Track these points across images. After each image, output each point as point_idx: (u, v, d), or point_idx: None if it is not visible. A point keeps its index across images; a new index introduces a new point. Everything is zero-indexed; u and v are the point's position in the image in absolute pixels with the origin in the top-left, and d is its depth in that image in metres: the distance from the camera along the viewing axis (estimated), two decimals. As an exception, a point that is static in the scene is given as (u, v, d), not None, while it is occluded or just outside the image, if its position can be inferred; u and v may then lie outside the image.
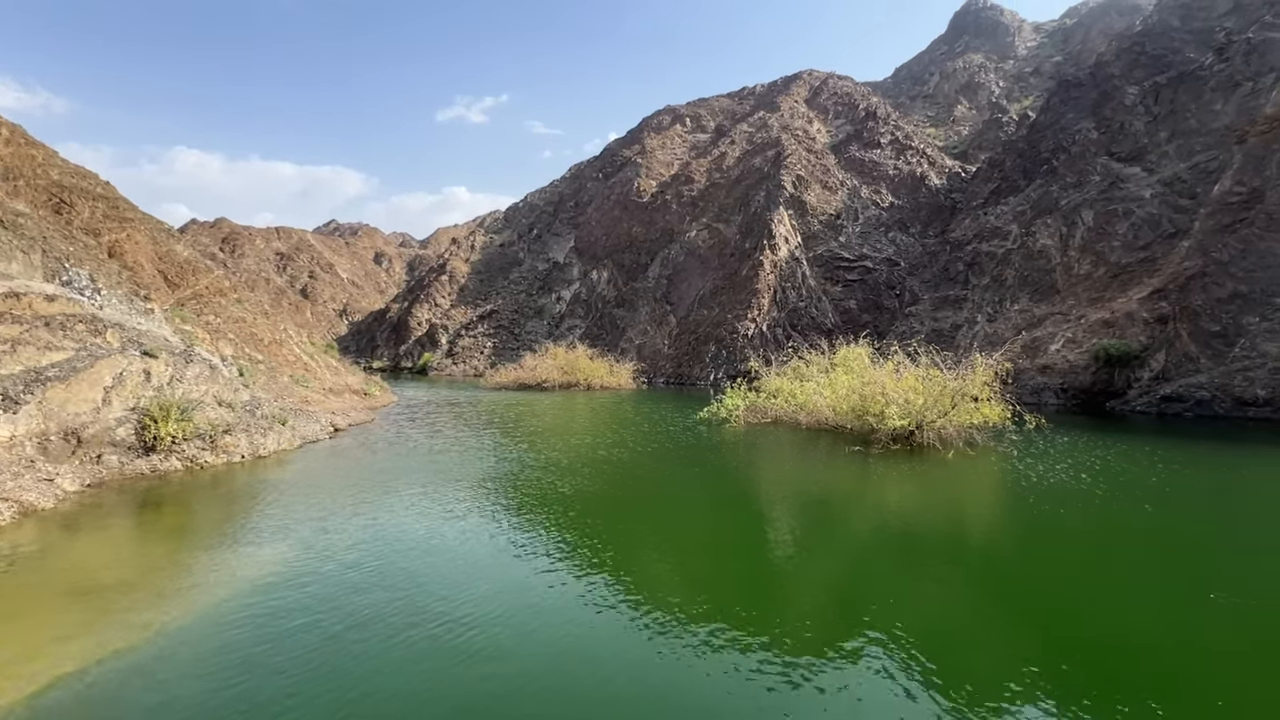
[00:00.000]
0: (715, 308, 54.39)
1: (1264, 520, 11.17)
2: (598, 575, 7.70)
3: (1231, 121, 32.81)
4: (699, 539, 9.75)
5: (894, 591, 7.54)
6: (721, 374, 46.53)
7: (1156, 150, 35.43)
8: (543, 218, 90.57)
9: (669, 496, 12.93)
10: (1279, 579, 8.07)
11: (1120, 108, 38.41)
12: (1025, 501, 11.76)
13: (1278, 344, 24.73)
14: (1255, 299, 26.01)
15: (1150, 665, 5.76)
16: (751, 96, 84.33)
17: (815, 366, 24.63)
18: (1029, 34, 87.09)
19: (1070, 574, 8.22)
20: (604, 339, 62.82)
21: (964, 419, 17.03)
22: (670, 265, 63.90)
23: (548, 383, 42.92)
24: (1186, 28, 39.69)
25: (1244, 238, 27.67)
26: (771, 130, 69.54)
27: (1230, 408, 24.84)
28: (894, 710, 4.91)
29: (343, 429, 20.26)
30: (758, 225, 55.80)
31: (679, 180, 72.07)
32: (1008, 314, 36.57)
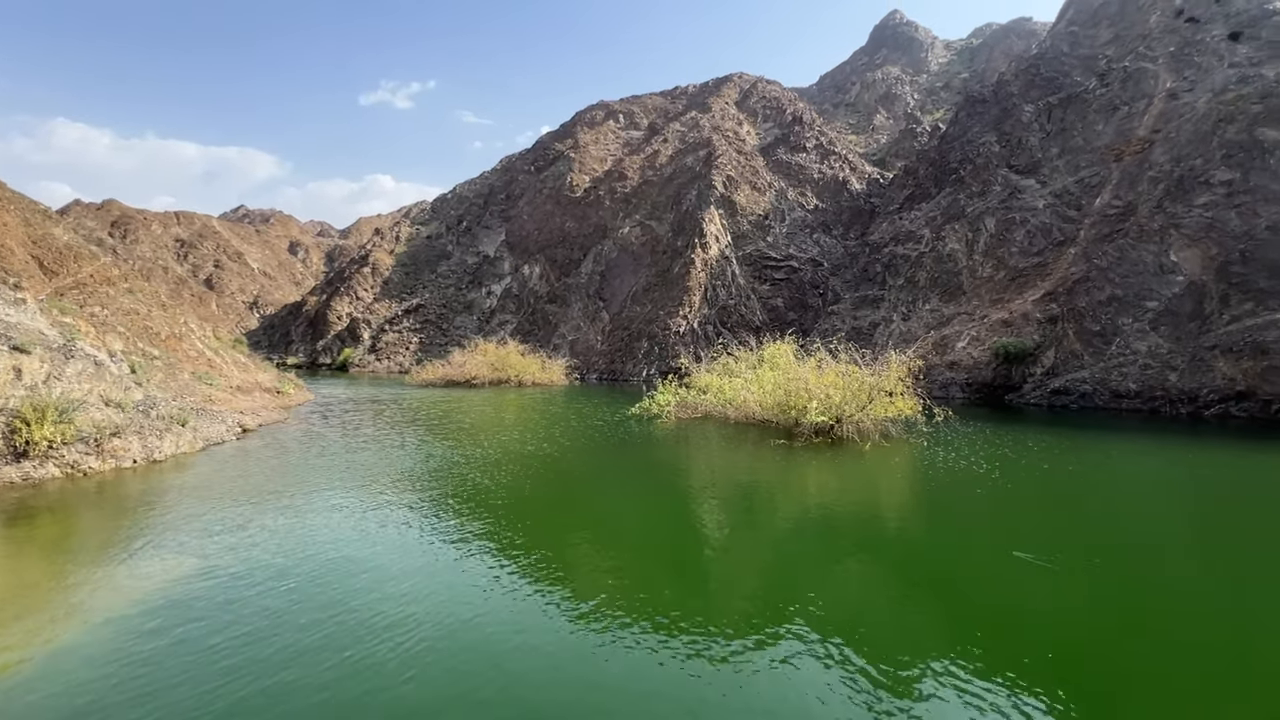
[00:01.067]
0: (648, 304, 54.81)
1: (1125, 496, 12.47)
2: (528, 571, 7.60)
3: (1111, 141, 36.28)
4: (631, 532, 9.81)
5: (817, 575, 7.88)
6: (654, 370, 46.97)
7: (1049, 164, 38.65)
8: (472, 210, 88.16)
9: (601, 491, 12.94)
10: (1147, 548, 9.03)
11: (1018, 124, 41.63)
12: (932, 486, 12.58)
13: (1147, 342, 27.62)
14: (1129, 302, 28.93)
15: (1044, 630, 6.30)
16: (684, 96, 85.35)
17: (744, 363, 25.32)
18: (940, 51, 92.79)
19: (971, 549, 8.87)
20: (536, 335, 61.98)
21: (880, 412, 17.99)
22: (603, 261, 63.80)
23: (477, 380, 41.90)
24: (1074, 54, 43.49)
25: (1120, 247, 30.69)
26: (703, 130, 70.68)
27: (1108, 400, 27.53)
28: (819, 686, 5.13)
29: (252, 429, 18.97)
30: (689, 224, 56.63)
31: (612, 176, 72.02)
32: (920, 313, 38.92)
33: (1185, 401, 25.53)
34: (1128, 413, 26.16)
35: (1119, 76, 38.33)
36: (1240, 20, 34.80)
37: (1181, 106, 33.65)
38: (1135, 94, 36.82)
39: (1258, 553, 9.10)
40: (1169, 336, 27.20)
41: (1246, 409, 24.07)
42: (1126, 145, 35.08)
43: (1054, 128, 39.84)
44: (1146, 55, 37.86)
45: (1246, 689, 5.29)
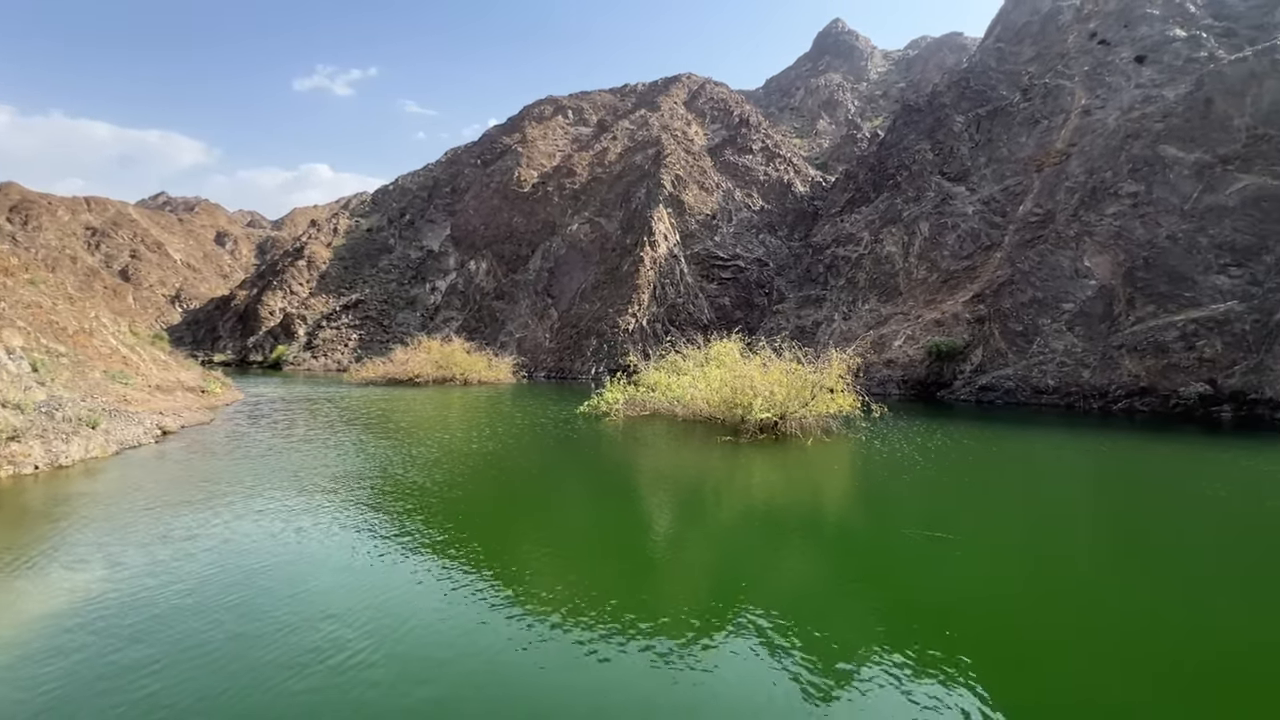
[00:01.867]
0: (597, 302, 54.65)
1: (1041, 482, 13.34)
2: (473, 574, 7.44)
3: (1032, 153, 38.61)
4: (579, 529, 9.76)
5: (762, 567, 8.06)
6: (603, 368, 46.90)
7: (977, 173, 40.79)
8: (416, 203, 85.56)
9: (548, 490, 12.81)
10: (1059, 527, 9.68)
11: (950, 134, 43.73)
12: (870, 479, 13.09)
13: (1063, 342, 29.58)
14: (1048, 304, 30.89)
15: (968, 604, 6.65)
16: (633, 94, 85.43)
17: (691, 361, 25.59)
18: (880, 60, 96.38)
19: (904, 536, 9.27)
20: (482, 332, 60.79)
21: (821, 409, 18.56)
22: (552, 258, 63.17)
23: (421, 378, 40.73)
24: (1001, 69, 46.03)
25: (1040, 252, 32.73)
26: (652, 129, 70.96)
27: (1029, 396, 29.33)
28: (768, 676, 5.24)
29: (173, 431, 17.81)
30: (639, 222, 56.78)
31: (561, 172, 71.37)
32: (860, 313, 40.36)
33: (1096, 397, 27.49)
34: (1047, 407, 27.95)
35: (1040, 92, 40.82)
36: (1145, 45, 37.67)
37: (1094, 122, 36.15)
38: (1054, 109, 39.30)
39: (1150, 529, 9.91)
40: (1083, 336, 29.21)
41: (1149, 404, 26.14)
42: (1046, 157, 37.41)
43: (982, 138, 42.06)
44: (1064, 73, 40.46)
45: (1147, 646, 5.75)
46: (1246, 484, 13.09)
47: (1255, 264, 26.39)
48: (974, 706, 4.85)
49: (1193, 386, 25.29)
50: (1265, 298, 25.40)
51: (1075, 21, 43.92)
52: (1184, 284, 27.41)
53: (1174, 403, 25.50)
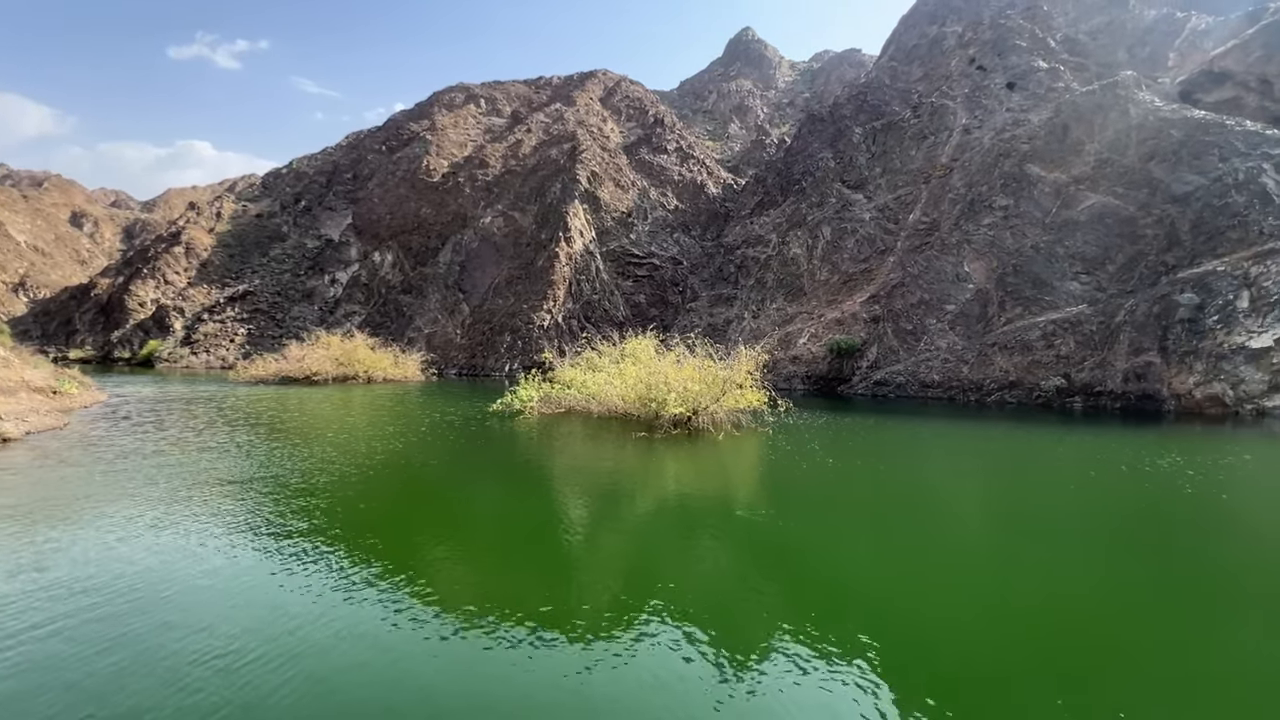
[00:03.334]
0: (511, 297, 53.50)
1: (924, 465, 14.57)
2: (379, 586, 7.07)
3: (921, 165, 41.85)
4: (491, 530, 9.52)
5: (676, 560, 8.22)
6: (517, 365, 46.03)
7: (874, 182, 43.67)
8: (313, 188, 79.89)
9: (458, 491, 12.41)
10: (940, 505, 10.59)
11: (850, 144, 46.51)
12: (777, 469, 13.71)
13: (946, 340, 32.33)
14: (933, 305, 33.64)
15: (868, 592, 7.13)
16: (548, 87, 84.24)
17: (607, 358, 25.64)
18: (787, 70, 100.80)
19: (807, 523, 9.80)
20: (388, 327, 57.84)
21: (732, 404, 19.21)
22: (463, 251, 61.13)
23: (319, 375, 38.14)
24: (894, 86, 49.50)
25: (927, 257, 35.57)
26: (568, 124, 70.31)
27: (918, 390, 31.83)
28: (683, 668, 5.35)
29: (15, 438, 15.62)
30: (554, 217, 56.12)
31: (473, 163, 69.15)
32: (768, 312, 42.11)
33: (974, 390, 30.29)
34: (932, 400, 30.46)
35: (927, 110, 44.29)
36: (1015, 73, 41.84)
37: (973, 140, 39.73)
38: (939, 126, 42.79)
39: (1015, 505, 11.09)
40: (962, 335, 32.08)
41: (1016, 395, 29.14)
42: (933, 170, 40.69)
43: (878, 149, 45.07)
44: (948, 94, 44.15)
45: (1019, 613, 6.43)
46: (1094, 461, 14.93)
47: (1100, 273, 30.07)
48: (869, 683, 5.21)
49: (1051, 380, 28.46)
50: (1108, 302, 29.02)
51: (957, 47, 48.01)
52: (1045, 289, 30.76)
53: (1036, 394, 28.59)
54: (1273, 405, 24.33)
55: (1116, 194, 31.36)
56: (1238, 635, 6.24)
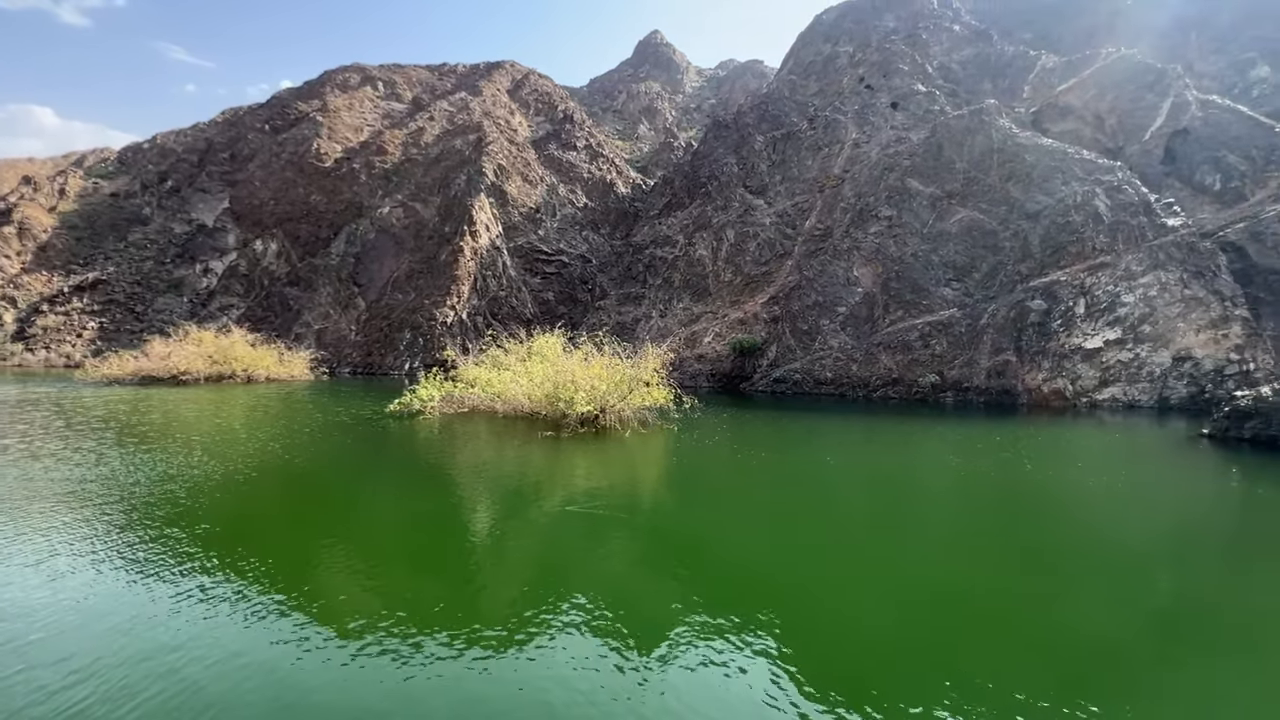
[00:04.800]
0: (411, 292, 51.07)
1: (827, 456, 15.56)
2: (265, 604, 6.51)
3: (816, 175, 44.42)
4: (392, 538, 9.05)
5: (585, 557, 8.22)
6: (418, 363, 44.07)
7: (774, 188, 45.80)
8: (182, 167, 72.06)
9: (352, 498, 11.68)
10: (836, 494, 11.32)
11: (752, 151, 48.49)
12: (683, 464, 14.07)
13: (838, 340, 34.56)
14: (827, 306, 35.84)
15: (770, 579, 7.48)
16: (453, 75, 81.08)
17: (514, 355, 25.13)
18: (694, 76, 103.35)
19: (713, 515, 10.14)
20: (272, 322, 53.37)
21: (639, 402, 19.47)
22: (359, 242, 57.56)
23: (188, 374, 34.49)
24: (793, 98, 52.16)
25: (821, 261, 37.82)
26: (474, 114, 68.08)
27: (813, 387, 33.78)
28: (590, 666, 5.35)
29: None
30: (458, 209, 54.19)
31: (370, 149, 65.24)
32: (675, 311, 43.04)
33: (862, 387, 32.60)
34: (826, 396, 32.46)
35: (822, 123, 47.08)
36: (898, 94, 45.41)
37: (862, 154, 42.70)
38: (832, 139, 45.61)
39: (896, 490, 12.10)
40: (852, 335, 34.43)
41: (899, 391, 31.68)
42: (827, 179, 43.31)
43: (778, 158, 47.32)
44: (840, 109, 47.15)
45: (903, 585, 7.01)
46: (957, 449, 16.57)
47: (968, 280, 33.35)
48: (772, 668, 5.48)
49: (927, 377, 31.21)
50: (974, 307, 32.25)
51: (849, 66, 51.40)
52: (922, 294, 33.66)
53: (915, 390, 31.25)
54: (1102, 398, 28.11)
55: (981, 209, 34.90)
56: (1076, 598, 7.17)
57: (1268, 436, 17.40)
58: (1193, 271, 29.11)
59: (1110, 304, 29.31)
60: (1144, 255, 29.86)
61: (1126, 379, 28.24)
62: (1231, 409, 18.96)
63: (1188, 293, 28.69)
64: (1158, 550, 9.30)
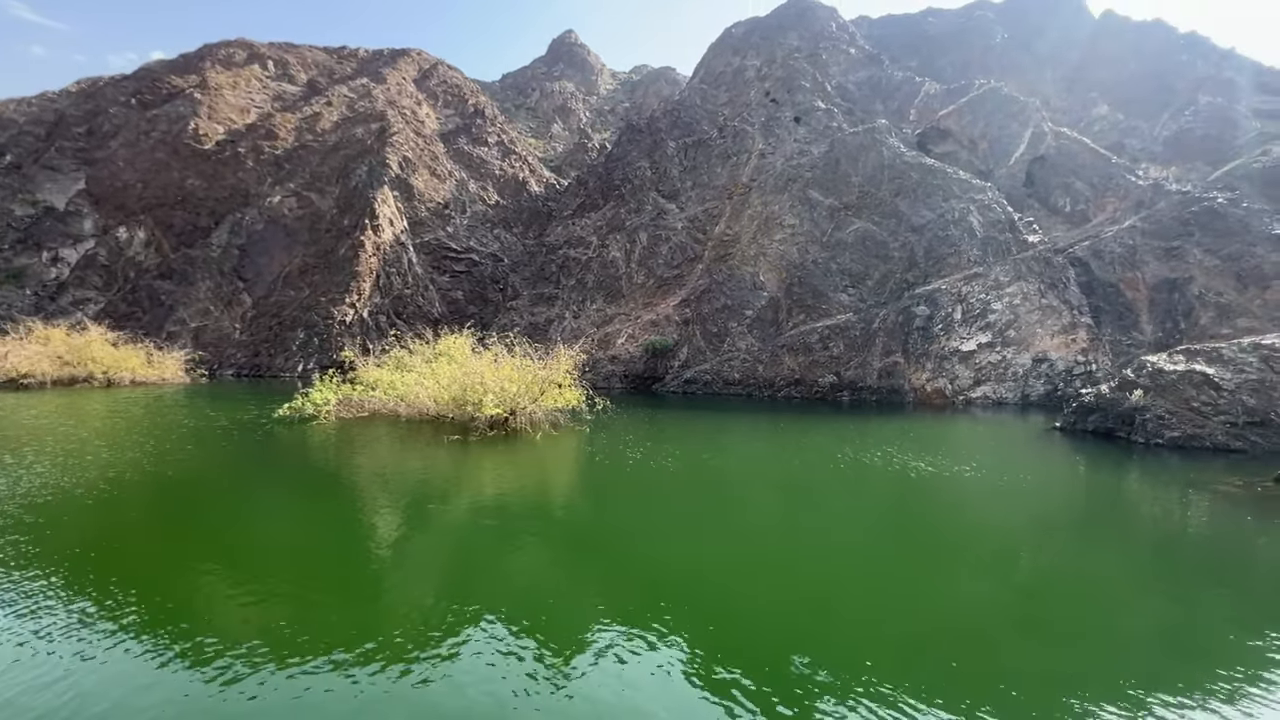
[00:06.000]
0: (306, 288, 47.67)
1: (734, 453, 16.12)
2: (141, 634, 5.81)
3: (725, 182, 45.94)
4: (285, 557, 8.38)
5: (497, 564, 8.00)
6: (313, 364, 41.24)
7: (685, 194, 46.89)
8: (25, 140, 63.16)
9: (237, 513, 10.71)
10: (747, 491, 11.73)
11: (665, 156, 49.38)
12: (596, 465, 14.07)
13: (745, 342, 35.91)
14: (735, 310, 37.14)
15: (683, 576, 7.62)
16: (353, 59, 76.53)
17: (419, 356, 24.09)
18: (608, 78, 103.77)
19: (629, 515, 10.21)
20: (139, 319, 47.96)
21: (550, 403, 19.27)
22: (245, 233, 52.94)
23: (31, 377, 30.27)
24: (704, 107, 53.66)
25: (730, 266, 39.16)
26: (377, 102, 64.60)
27: (722, 387, 34.88)
28: (504, 675, 5.20)
29: None
30: (359, 201, 51.22)
31: (258, 133, 60.22)
32: (588, 312, 42.98)
33: (767, 387, 34.07)
34: (733, 396, 33.62)
35: (731, 132, 48.76)
36: (801, 109, 47.90)
37: (768, 164, 44.64)
38: (740, 148, 47.36)
39: (796, 483, 12.75)
40: (759, 338, 35.89)
41: (800, 391, 33.39)
42: (735, 187, 44.91)
43: (689, 164, 48.49)
44: (748, 120, 49.06)
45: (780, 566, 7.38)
46: (850, 443, 17.73)
47: (862, 286, 35.75)
48: (685, 663, 5.59)
49: (826, 377, 33.12)
50: (867, 312, 34.60)
51: (756, 79, 53.59)
52: (822, 299, 35.69)
53: (815, 390, 33.06)
54: (976, 396, 31.04)
55: (874, 221, 37.52)
56: (950, 577, 7.87)
57: (1106, 428, 19.94)
58: (1048, 283, 32.83)
59: (982, 311, 32.44)
60: (1010, 267, 33.32)
61: (995, 379, 31.37)
62: (1078, 405, 21.56)
63: (1044, 302, 32.31)
64: (1017, 532, 10.41)
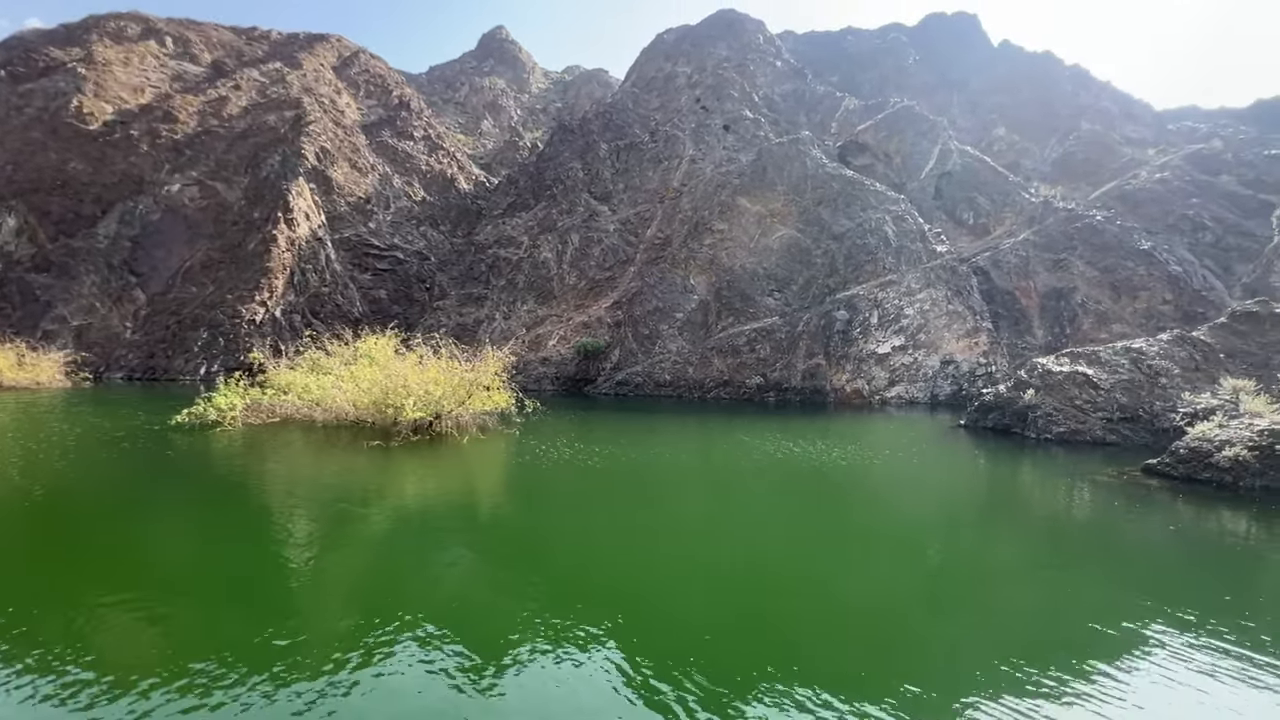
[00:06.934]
0: (209, 285, 44.28)
1: (663, 454, 16.31)
2: (34, 669, 5.17)
3: (657, 186, 46.47)
4: (187, 576, 7.71)
5: (422, 573, 7.74)
6: (217, 366, 38.37)
7: (618, 196, 47.05)
8: None
9: (130, 532, 9.77)
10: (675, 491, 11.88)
11: (597, 158, 49.36)
12: (524, 469, 13.85)
13: (676, 344, 36.43)
14: (666, 312, 37.61)
15: (611, 576, 7.60)
16: (265, 41, 71.83)
17: (337, 358, 22.90)
18: (540, 77, 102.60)
19: (557, 518, 10.10)
20: (9, 316, 43.00)
21: (478, 406, 18.80)
22: (138, 223, 48.55)
23: (-128, 382, 26.47)
24: (636, 111, 54.07)
25: (661, 269, 39.62)
26: (291, 88, 60.92)
27: (653, 389, 35.21)
28: (430, 684, 5.00)
29: None
30: (271, 193, 48.09)
31: (154, 114, 55.40)
32: (519, 313, 42.30)
33: (697, 388, 34.69)
34: (665, 397, 34.02)
35: (663, 137, 49.39)
36: (729, 117, 49.17)
37: (698, 170, 45.53)
38: (672, 153, 48.06)
39: (721, 481, 13.07)
40: (689, 340, 36.51)
41: (729, 392, 34.21)
42: (666, 191, 45.51)
43: (621, 166, 48.71)
44: (679, 126, 49.85)
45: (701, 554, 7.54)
46: (772, 441, 18.37)
47: (787, 291, 37.09)
48: (613, 662, 5.58)
49: (754, 379, 34.12)
50: (792, 316, 35.94)
51: (687, 86, 54.54)
52: (750, 303, 36.75)
53: (743, 391, 33.98)
54: (890, 395, 32.87)
55: (799, 228, 39.04)
56: (865, 565, 8.29)
57: (1003, 425, 21.62)
58: (954, 290, 35.25)
59: (896, 315, 34.42)
60: (920, 275, 35.53)
61: (908, 379, 33.35)
62: (979, 404, 23.27)
63: (951, 307, 34.67)
64: (924, 520, 11.11)
